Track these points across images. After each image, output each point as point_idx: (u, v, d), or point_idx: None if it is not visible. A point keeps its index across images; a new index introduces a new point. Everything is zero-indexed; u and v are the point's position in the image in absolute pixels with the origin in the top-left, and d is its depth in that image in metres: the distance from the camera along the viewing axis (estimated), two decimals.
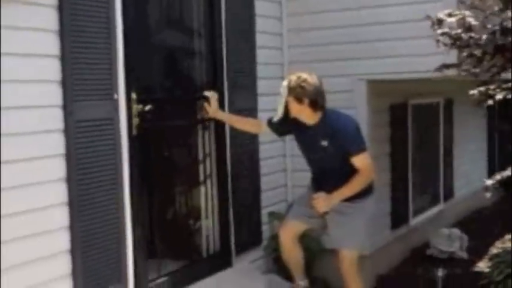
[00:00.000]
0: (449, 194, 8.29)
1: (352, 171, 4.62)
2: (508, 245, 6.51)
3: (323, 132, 4.64)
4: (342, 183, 4.63)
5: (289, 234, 5.02)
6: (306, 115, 4.67)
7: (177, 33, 5.17)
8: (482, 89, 5.12)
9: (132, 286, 4.42)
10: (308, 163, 4.97)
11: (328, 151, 4.65)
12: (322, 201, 4.70)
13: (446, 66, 5.05)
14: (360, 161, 4.61)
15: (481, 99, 5.23)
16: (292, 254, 5.10)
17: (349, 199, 4.69)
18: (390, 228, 6.71)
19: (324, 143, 4.64)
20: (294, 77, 4.67)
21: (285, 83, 4.69)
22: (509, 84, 5.02)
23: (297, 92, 4.60)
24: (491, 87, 5.06)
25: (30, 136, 3.80)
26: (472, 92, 5.17)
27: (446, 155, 8.22)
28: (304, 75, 4.65)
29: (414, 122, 7.20)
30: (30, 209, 3.79)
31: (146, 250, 4.58)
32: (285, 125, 4.88)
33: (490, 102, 5.09)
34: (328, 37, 6.02)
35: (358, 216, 4.79)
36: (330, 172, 4.75)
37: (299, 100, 4.61)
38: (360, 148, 4.64)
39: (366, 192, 4.77)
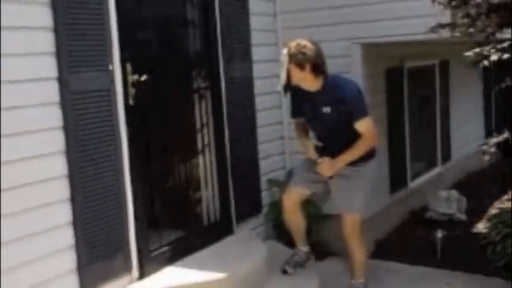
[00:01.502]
0: (446, 156, 8.31)
1: (354, 137, 4.63)
2: (506, 205, 6.54)
3: (326, 99, 4.64)
4: (345, 148, 4.64)
5: (292, 200, 5.04)
6: (309, 81, 4.65)
7: (170, 3, 5.12)
8: (477, 50, 5.11)
9: (135, 256, 4.45)
10: (311, 129, 4.97)
11: (331, 117, 4.65)
12: (327, 166, 4.71)
13: (442, 26, 5.02)
14: (363, 125, 4.61)
15: (476, 60, 5.21)
16: (295, 220, 5.12)
17: (352, 163, 4.70)
18: (389, 191, 6.73)
19: (327, 109, 4.64)
20: (293, 44, 4.63)
21: (284, 50, 4.65)
22: (504, 45, 5.00)
23: (298, 58, 4.57)
24: (486, 48, 5.04)
25: (26, 109, 3.78)
26: (467, 53, 5.15)
27: (443, 117, 8.23)
28: (303, 41, 4.62)
29: (410, 85, 7.19)
30: (31, 182, 3.80)
31: (147, 220, 4.59)
32: (296, 99, 4.90)
33: (486, 63, 5.06)
34: (321, 1, 5.97)
35: (361, 179, 4.82)
36: (332, 138, 4.76)
37: (301, 66, 4.58)
38: (363, 113, 4.64)
39: (368, 156, 4.78)
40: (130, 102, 4.44)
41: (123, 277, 4.36)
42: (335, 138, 4.75)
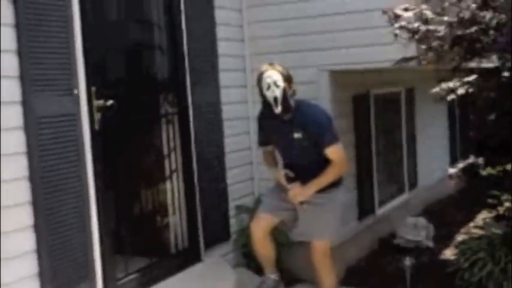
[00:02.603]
0: (413, 183, 8.33)
1: (324, 163, 4.62)
2: (473, 231, 6.58)
3: (296, 124, 4.63)
4: (315, 174, 4.62)
5: (261, 228, 4.96)
6: (291, 102, 4.64)
7: (136, 27, 5.09)
8: (444, 86, 5.15)
9: (100, 284, 4.35)
10: (281, 156, 4.94)
11: (302, 142, 4.63)
12: (297, 191, 4.68)
13: (406, 59, 5.07)
14: (333, 152, 4.61)
15: (442, 96, 5.25)
16: (265, 248, 5.04)
17: (321, 190, 4.68)
18: (357, 218, 6.71)
19: (298, 134, 4.63)
20: (273, 66, 4.65)
21: (272, 72, 4.61)
22: (470, 79, 5.03)
23: (288, 74, 4.63)
24: (451, 83, 5.07)
25: None
26: (433, 90, 5.19)
27: (409, 143, 8.26)
28: (277, 64, 4.69)
29: (377, 112, 7.21)
30: None
31: (114, 248, 4.51)
32: (264, 126, 4.89)
33: (452, 96, 5.09)
34: (289, 28, 5.98)
35: (330, 206, 4.79)
36: (302, 164, 4.72)
37: (289, 84, 4.61)
38: (333, 139, 4.63)
39: (337, 182, 4.77)
40: (96, 127, 4.38)
41: None
42: (306, 165, 4.72)
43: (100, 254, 4.34)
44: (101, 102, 4.41)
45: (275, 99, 4.58)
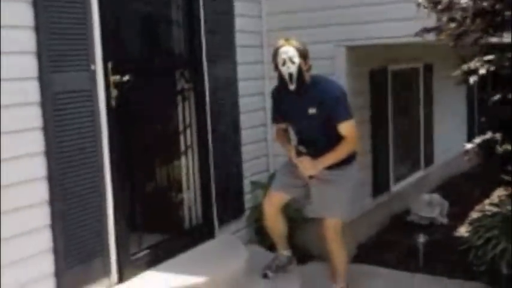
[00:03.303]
0: (429, 160, 8.30)
1: (337, 139, 4.61)
2: (487, 209, 6.55)
3: (311, 100, 4.62)
4: (327, 150, 4.62)
5: (273, 205, 4.99)
6: (307, 76, 4.64)
7: (153, 2, 5.06)
8: (465, 67, 5.08)
9: (115, 260, 4.39)
10: (294, 131, 4.94)
11: (315, 118, 4.63)
12: (309, 164, 4.66)
13: (427, 30, 4.99)
14: (346, 128, 4.60)
15: (464, 77, 5.18)
16: (276, 224, 5.08)
17: (333, 167, 4.67)
18: (371, 195, 6.71)
19: (312, 110, 4.62)
20: (290, 41, 4.64)
21: (288, 48, 4.59)
22: (490, 57, 4.97)
23: (305, 49, 4.61)
24: (473, 63, 5.00)
25: (6, 109, 3.70)
26: (454, 73, 5.12)
27: (426, 120, 8.22)
28: (293, 39, 4.66)
29: (394, 88, 7.17)
30: (9, 184, 3.72)
31: (128, 223, 4.53)
32: (278, 102, 4.88)
33: (474, 78, 5.03)
34: (306, 3, 5.93)
35: (342, 183, 4.78)
36: (315, 140, 4.72)
37: (305, 60, 4.61)
38: (347, 116, 4.63)
39: (349, 159, 4.76)
40: (112, 103, 4.38)
41: (102, 281, 4.30)
42: (319, 141, 4.71)
43: (114, 229, 4.37)
44: (117, 77, 4.40)
45: (290, 75, 4.58)
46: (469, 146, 5.51)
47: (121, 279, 4.42)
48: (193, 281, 4.49)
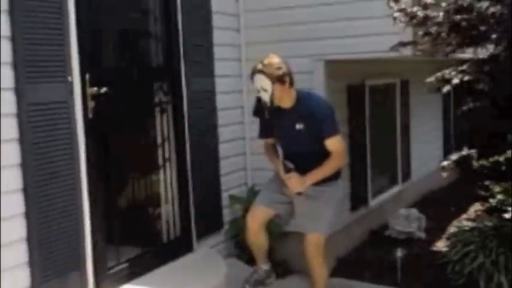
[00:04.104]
0: (407, 175, 8.34)
1: (324, 155, 4.59)
2: (464, 224, 6.59)
3: (298, 115, 4.59)
4: (315, 165, 4.59)
5: (257, 221, 4.91)
6: (288, 96, 4.60)
7: (132, 15, 5.04)
8: (438, 75, 5.13)
9: (91, 273, 4.34)
10: (281, 147, 4.90)
11: (302, 134, 4.60)
12: (296, 181, 4.61)
13: (403, 44, 5.05)
14: (333, 144, 4.58)
15: (438, 85, 5.24)
16: (258, 240, 5.01)
17: (318, 183, 4.65)
18: (350, 209, 6.71)
19: (299, 126, 4.60)
20: (262, 66, 4.53)
21: (259, 76, 4.54)
22: (464, 67, 5.03)
23: (278, 74, 4.51)
24: (447, 71, 5.06)
25: None
26: (428, 79, 5.17)
27: (404, 135, 8.26)
28: (268, 59, 4.57)
29: (371, 103, 7.21)
30: None
31: (105, 236, 4.49)
32: (264, 118, 4.81)
33: (447, 87, 5.08)
34: (284, 17, 5.95)
35: (327, 199, 4.76)
36: (302, 155, 4.68)
37: (282, 82, 4.52)
38: (334, 131, 4.60)
39: (335, 176, 4.75)
40: (89, 114, 4.35)
41: None
42: (306, 156, 4.66)
43: (91, 243, 4.33)
44: (94, 89, 4.37)
45: (265, 102, 4.57)
46: (445, 162, 5.53)
47: None
48: None
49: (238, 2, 6.05)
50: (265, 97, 4.55)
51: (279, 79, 4.51)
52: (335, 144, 4.59)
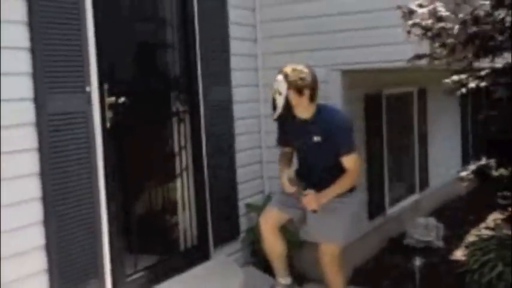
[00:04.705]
0: (424, 183, 8.31)
1: (338, 170, 4.57)
2: (483, 233, 6.55)
3: (317, 127, 4.56)
4: (328, 178, 4.58)
5: (269, 224, 4.88)
6: (304, 108, 4.57)
7: (149, 25, 5.11)
8: (455, 78, 5.13)
9: (109, 281, 4.37)
10: (297, 157, 4.90)
11: (320, 147, 4.58)
12: (312, 199, 4.59)
13: (419, 56, 5.04)
14: (349, 161, 4.56)
15: (454, 89, 5.23)
16: (274, 245, 4.94)
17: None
18: (367, 218, 6.70)
19: (317, 138, 4.57)
20: (289, 70, 4.54)
21: (280, 77, 4.54)
22: (482, 73, 5.03)
23: (298, 84, 4.49)
24: (464, 76, 5.06)
25: (3, 129, 3.72)
26: (445, 81, 5.18)
27: (421, 144, 8.25)
28: (300, 66, 4.57)
29: (388, 112, 7.21)
30: (5, 204, 3.72)
31: (123, 245, 4.54)
32: (284, 126, 4.82)
33: (463, 90, 5.09)
34: (301, 27, 5.98)
35: (341, 212, 4.73)
36: (317, 167, 4.69)
37: (300, 92, 4.50)
38: (351, 148, 4.58)
39: (351, 189, 4.73)
40: (108, 124, 4.39)
41: None
42: (320, 169, 4.67)
43: (109, 250, 4.36)
44: (112, 99, 4.43)
45: (278, 105, 4.57)
46: (464, 173, 5.50)
47: None
48: None
49: (254, 13, 6.09)
50: (279, 100, 4.54)
51: (297, 88, 4.49)
52: (351, 161, 4.57)
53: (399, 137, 7.63)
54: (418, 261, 5.96)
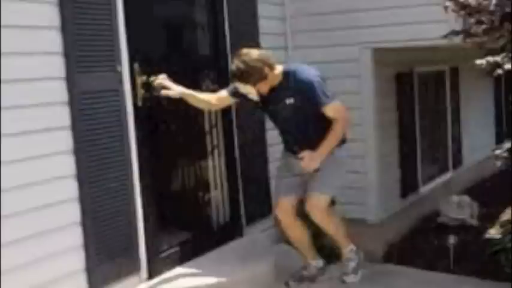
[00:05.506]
0: (457, 161, 8.26)
1: (322, 126, 4.48)
2: None
3: (288, 90, 4.49)
4: (314, 138, 4.50)
5: (286, 212, 4.79)
6: (274, 80, 4.50)
7: (179, 4, 5.13)
8: (490, 59, 5.05)
9: (144, 257, 4.44)
10: (280, 129, 4.80)
11: (296, 108, 4.49)
12: (310, 159, 4.52)
13: (455, 32, 4.97)
14: (332, 110, 4.47)
15: (489, 70, 5.15)
16: (296, 233, 4.89)
17: None
18: (400, 196, 6.68)
19: (290, 100, 4.48)
20: (239, 73, 4.42)
21: (240, 85, 4.50)
22: None
23: (257, 77, 4.42)
24: (499, 57, 4.98)
25: (35, 108, 3.78)
26: (479, 61, 5.11)
27: (454, 122, 8.19)
28: (240, 62, 4.41)
29: (420, 90, 7.17)
30: (39, 181, 3.79)
31: (157, 221, 4.58)
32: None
33: (499, 71, 5.00)
34: (332, 5, 5.97)
35: (331, 164, 4.59)
36: (300, 130, 4.60)
37: (263, 79, 4.44)
38: (328, 98, 4.46)
39: (341, 141, 4.62)
40: (139, 103, 4.44)
41: (132, 277, 4.35)
42: (306, 131, 4.57)
43: (143, 226, 4.42)
44: (143, 78, 4.46)
45: (256, 100, 4.59)
46: (498, 151, 5.45)
47: (150, 276, 4.47)
48: (221, 279, 4.52)
49: None
50: (254, 97, 4.55)
51: (259, 79, 4.44)
52: (334, 110, 4.48)
53: (432, 115, 7.58)
54: (451, 240, 5.91)
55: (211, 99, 4.75)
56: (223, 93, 4.75)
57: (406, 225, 6.76)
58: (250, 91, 4.52)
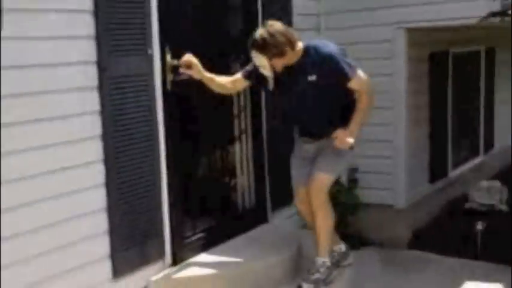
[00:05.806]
0: (489, 146, 8.14)
1: (347, 101, 4.36)
2: None
3: (310, 66, 4.30)
4: (342, 117, 4.36)
5: (304, 201, 4.65)
6: (291, 58, 4.30)
7: None
8: None
9: (168, 243, 4.44)
10: (295, 112, 4.59)
11: (316, 86, 4.30)
12: (344, 135, 4.34)
13: (494, 14, 4.84)
14: (357, 82, 4.30)
15: None
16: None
17: (328, 134, 4.41)
18: (428, 181, 6.61)
19: (312, 77, 4.29)
20: (260, 40, 4.22)
21: (255, 52, 4.26)
22: None
23: (274, 52, 4.22)
24: None
25: (64, 93, 3.76)
26: None
27: (487, 105, 8.05)
28: (265, 31, 4.24)
29: (454, 72, 7.03)
30: (66, 167, 3.78)
31: (182, 207, 4.57)
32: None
33: None
34: None
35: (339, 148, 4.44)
36: (324, 111, 4.43)
37: (281, 55, 4.25)
38: (353, 69, 4.29)
39: (345, 123, 4.43)
40: (168, 86, 4.40)
41: (156, 263, 4.35)
42: (329, 111, 4.41)
43: (168, 212, 4.42)
44: (174, 62, 4.41)
45: (269, 78, 4.39)
46: None
47: (175, 262, 4.47)
48: (246, 266, 4.52)
49: None
50: (266, 73, 4.35)
51: (277, 55, 4.24)
52: (360, 82, 4.31)
53: (464, 97, 7.45)
54: (480, 226, 5.86)
55: (227, 83, 4.60)
56: (238, 76, 4.62)
57: (435, 210, 6.71)
58: (264, 64, 4.32)
